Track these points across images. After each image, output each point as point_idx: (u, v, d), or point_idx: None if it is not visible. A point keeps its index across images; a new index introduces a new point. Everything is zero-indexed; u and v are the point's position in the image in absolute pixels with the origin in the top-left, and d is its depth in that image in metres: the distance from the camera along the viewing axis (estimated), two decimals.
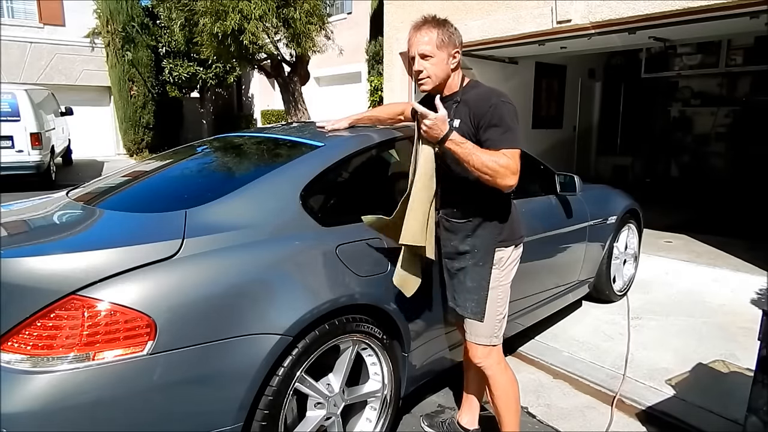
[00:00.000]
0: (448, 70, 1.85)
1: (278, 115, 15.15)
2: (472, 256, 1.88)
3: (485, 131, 1.75)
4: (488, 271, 1.88)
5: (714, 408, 2.38)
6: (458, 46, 1.85)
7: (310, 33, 8.55)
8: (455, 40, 1.84)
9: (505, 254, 1.93)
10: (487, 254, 1.88)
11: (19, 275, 1.45)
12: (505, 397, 1.98)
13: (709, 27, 4.89)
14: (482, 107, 1.77)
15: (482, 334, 1.93)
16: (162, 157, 2.84)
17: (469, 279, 1.88)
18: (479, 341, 1.94)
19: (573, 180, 3.01)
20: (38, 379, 1.37)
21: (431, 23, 1.82)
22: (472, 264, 1.88)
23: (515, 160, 1.70)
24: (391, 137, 2.37)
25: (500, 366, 1.98)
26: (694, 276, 4.38)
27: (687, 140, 9.52)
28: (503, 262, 1.92)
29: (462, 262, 1.90)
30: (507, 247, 1.93)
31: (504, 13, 5.39)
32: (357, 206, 2.19)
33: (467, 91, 1.87)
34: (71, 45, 14.39)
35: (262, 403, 1.63)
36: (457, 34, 1.85)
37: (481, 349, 1.95)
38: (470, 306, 1.88)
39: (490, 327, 1.92)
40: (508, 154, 1.69)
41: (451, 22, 1.89)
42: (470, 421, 2.23)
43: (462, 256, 1.90)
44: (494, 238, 1.88)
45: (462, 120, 1.82)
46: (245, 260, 1.70)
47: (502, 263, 1.92)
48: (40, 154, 8.43)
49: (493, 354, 1.96)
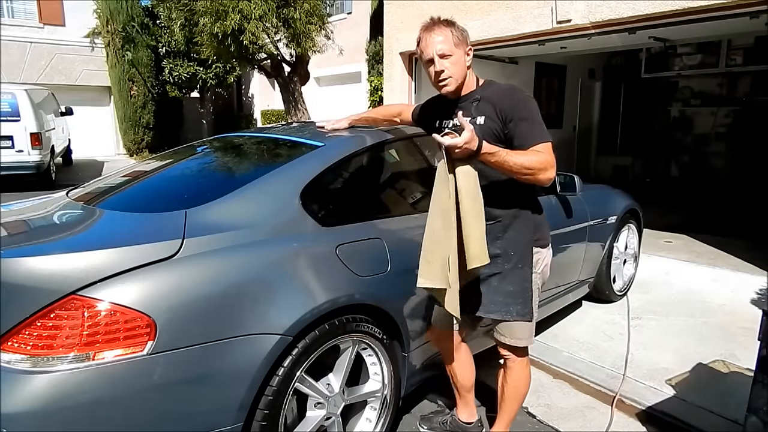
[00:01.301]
0: (465, 68, 1.83)
1: (278, 115, 15.15)
2: (506, 259, 1.83)
3: (516, 125, 1.71)
4: (530, 272, 1.85)
5: (714, 408, 2.37)
6: (469, 44, 1.84)
7: (310, 33, 8.55)
8: (467, 38, 1.83)
9: (541, 256, 1.91)
10: (524, 256, 1.84)
11: (19, 275, 1.45)
12: (515, 389, 2.01)
13: (709, 27, 4.89)
14: (509, 102, 1.74)
15: (520, 335, 1.91)
16: (162, 157, 2.84)
17: (509, 283, 1.84)
18: (520, 343, 1.93)
19: (573, 180, 3.01)
20: (38, 379, 1.37)
21: (442, 23, 1.81)
22: (510, 268, 1.83)
23: (551, 153, 1.67)
24: (391, 137, 2.37)
25: (524, 361, 1.99)
26: (694, 276, 4.38)
27: (687, 140, 9.52)
28: (540, 264, 1.90)
29: (494, 267, 1.82)
30: (543, 247, 1.91)
31: (504, 13, 5.39)
32: (357, 206, 2.19)
33: (486, 88, 1.85)
34: (71, 45, 14.38)
35: (262, 403, 1.63)
36: (466, 32, 1.84)
37: (518, 350, 1.95)
38: (515, 309, 1.84)
39: (529, 328, 1.92)
40: (542, 149, 1.66)
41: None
42: (470, 414, 2.23)
43: (493, 260, 1.77)
44: (528, 238, 1.85)
45: (487, 116, 1.77)
46: (245, 260, 1.70)
47: (538, 265, 1.90)
48: (40, 154, 8.43)
49: (525, 353, 1.99)
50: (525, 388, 2.04)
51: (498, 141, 1.73)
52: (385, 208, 2.26)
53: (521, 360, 1.98)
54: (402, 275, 2.03)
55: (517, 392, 2.02)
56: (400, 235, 2.13)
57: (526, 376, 2.02)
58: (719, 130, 9.12)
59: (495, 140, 1.72)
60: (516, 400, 2.03)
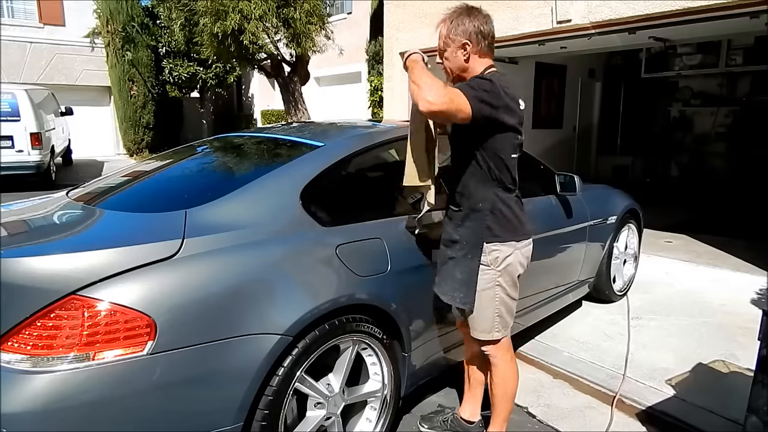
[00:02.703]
0: (461, 61, 1.87)
1: (278, 115, 15.15)
2: (461, 247, 1.91)
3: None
4: (477, 266, 1.87)
5: (714, 408, 2.37)
6: (470, 37, 1.84)
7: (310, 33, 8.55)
8: (468, 32, 1.83)
9: (501, 253, 1.86)
10: (474, 248, 1.87)
11: (19, 275, 1.45)
12: (502, 387, 2.00)
13: (709, 27, 4.89)
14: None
15: (479, 328, 1.95)
16: (162, 157, 2.84)
17: (459, 270, 1.91)
18: (478, 336, 1.96)
19: (573, 180, 3.01)
20: (38, 379, 1.37)
21: (446, 17, 1.89)
22: (462, 256, 1.91)
23: (447, 92, 1.64)
24: (391, 137, 2.37)
25: (505, 357, 2.00)
26: (694, 276, 4.38)
27: (687, 140, 9.53)
28: (499, 261, 1.87)
29: (453, 252, 1.94)
30: (501, 243, 1.86)
31: (504, 13, 5.39)
32: (357, 206, 2.19)
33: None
34: (71, 45, 14.39)
35: (262, 403, 1.63)
36: (471, 24, 1.83)
37: (493, 344, 1.98)
38: (459, 296, 1.91)
39: (488, 323, 1.93)
40: (448, 88, 1.67)
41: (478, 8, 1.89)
42: (473, 413, 2.23)
43: (453, 246, 1.94)
44: (481, 232, 1.86)
45: None
46: (245, 260, 1.70)
47: (498, 263, 1.87)
48: (40, 154, 8.43)
49: (501, 347, 1.98)
50: (511, 385, 2.02)
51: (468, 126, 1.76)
52: (385, 208, 2.26)
53: (502, 356, 1.99)
54: (402, 275, 2.03)
55: (503, 389, 2.01)
56: (400, 235, 2.12)
57: (510, 372, 2.00)
58: (719, 130, 9.12)
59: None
60: (504, 398, 2.01)
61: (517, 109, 1.81)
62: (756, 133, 8.13)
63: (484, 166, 1.83)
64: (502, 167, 1.83)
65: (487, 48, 1.88)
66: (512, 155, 1.85)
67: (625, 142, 10.18)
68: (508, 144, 1.83)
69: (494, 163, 1.82)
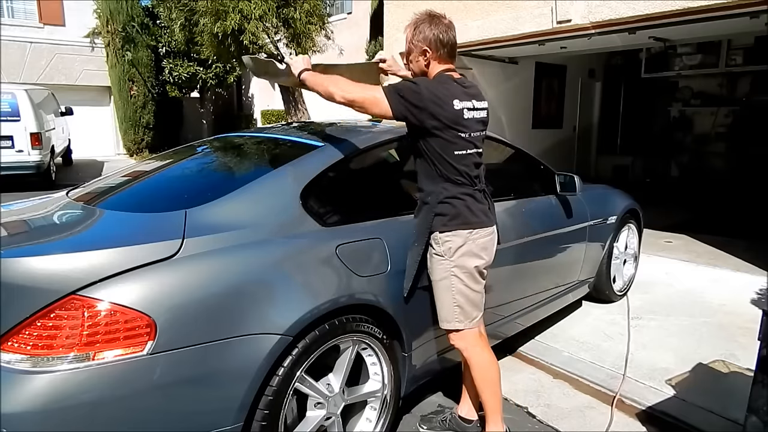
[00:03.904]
0: (422, 66, 1.97)
1: (278, 115, 15.15)
2: (413, 237, 2.01)
3: None
4: (418, 253, 1.96)
5: (714, 408, 2.37)
6: (430, 45, 1.92)
7: (310, 33, 8.57)
8: (428, 39, 1.92)
9: (453, 243, 1.91)
10: (420, 236, 1.97)
11: (19, 275, 1.45)
12: (481, 376, 2.01)
13: (709, 27, 4.89)
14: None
15: (440, 317, 2.02)
16: (162, 157, 2.84)
17: (409, 257, 2.00)
18: (444, 325, 2.02)
19: (573, 180, 3.01)
20: (38, 379, 1.37)
21: (411, 23, 1.97)
22: (411, 244, 2.01)
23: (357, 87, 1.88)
24: (390, 137, 2.37)
25: (475, 348, 2.01)
26: (694, 276, 4.38)
27: (687, 140, 9.53)
28: (452, 252, 1.91)
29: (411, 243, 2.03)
30: (450, 233, 1.91)
31: (504, 13, 5.39)
32: (357, 206, 2.19)
33: None
34: (71, 45, 14.39)
35: (262, 403, 1.63)
36: (431, 32, 1.91)
37: (457, 336, 2.01)
38: (404, 283, 2.00)
39: (446, 312, 1.98)
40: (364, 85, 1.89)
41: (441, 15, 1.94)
42: (470, 411, 2.23)
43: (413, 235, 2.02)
44: (428, 222, 1.93)
45: None
46: (245, 260, 1.70)
47: (450, 253, 1.92)
48: (40, 154, 8.43)
49: (464, 337, 2.00)
50: (490, 374, 2.01)
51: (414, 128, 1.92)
52: (385, 208, 2.26)
53: (469, 347, 2.00)
54: (402, 275, 2.03)
55: (482, 378, 2.00)
56: (400, 235, 2.12)
57: (484, 361, 2.00)
58: (719, 130, 9.12)
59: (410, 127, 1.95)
60: (486, 386, 2.01)
61: (448, 108, 1.85)
62: (756, 133, 8.12)
63: (429, 162, 1.93)
64: (445, 163, 1.90)
65: (446, 55, 1.96)
66: (456, 152, 1.90)
67: (625, 142, 10.18)
68: (448, 141, 1.88)
69: (437, 160, 1.91)
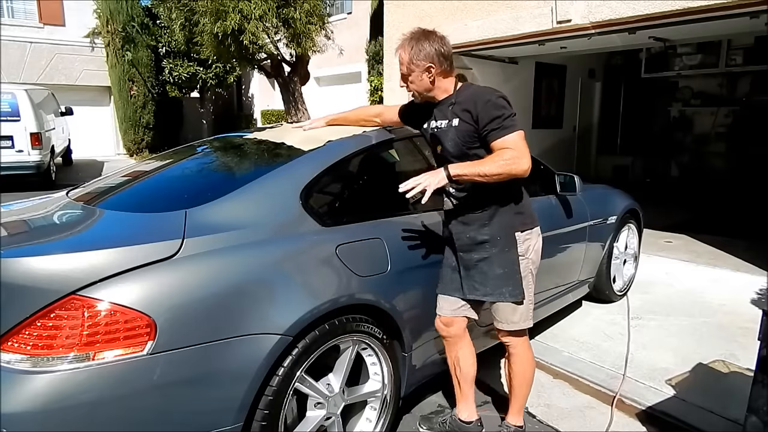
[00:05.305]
0: (427, 83, 1.95)
1: (278, 115, 15.15)
2: (493, 244, 1.95)
3: (489, 122, 1.82)
4: (516, 256, 1.96)
5: (714, 408, 2.37)
6: (433, 60, 1.91)
7: (310, 33, 8.55)
8: (430, 55, 1.90)
9: (531, 242, 2.00)
10: (509, 241, 1.96)
11: (19, 275, 1.45)
12: (522, 374, 2.11)
13: (709, 27, 4.89)
14: (478, 104, 1.86)
15: (520, 319, 2.02)
16: (162, 157, 2.84)
17: (498, 266, 1.95)
18: (515, 327, 2.02)
19: (573, 180, 3.01)
20: (38, 379, 1.37)
21: (405, 43, 1.94)
22: (498, 251, 1.95)
23: (519, 144, 1.78)
24: (390, 137, 2.37)
25: (525, 344, 2.11)
26: (694, 276, 4.38)
27: (687, 140, 9.52)
28: (530, 250, 1.99)
29: (483, 253, 1.96)
30: (530, 230, 1.99)
31: (504, 13, 5.39)
32: (357, 206, 2.19)
33: (461, 93, 1.96)
34: (71, 45, 14.38)
35: (262, 403, 1.63)
36: (432, 47, 1.90)
37: (517, 333, 2.05)
38: (508, 291, 1.96)
39: (524, 310, 2.01)
40: (510, 143, 1.78)
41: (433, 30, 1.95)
42: (470, 414, 2.23)
43: (481, 246, 1.96)
44: (512, 224, 1.96)
45: (461, 119, 1.91)
46: (245, 260, 1.70)
47: (529, 251, 1.99)
48: (40, 154, 8.43)
49: (525, 334, 2.08)
50: (531, 371, 2.13)
51: (475, 140, 1.88)
52: (385, 208, 2.26)
53: (522, 343, 2.09)
54: (402, 275, 2.03)
55: (525, 376, 2.12)
56: (400, 235, 2.12)
57: (529, 359, 2.12)
58: (719, 130, 9.12)
59: (471, 139, 1.88)
60: (525, 385, 2.13)
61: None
62: (756, 133, 8.12)
63: None
64: None
65: (448, 67, 1.97)
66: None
67: (625, 142, 10.18)
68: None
69: None
